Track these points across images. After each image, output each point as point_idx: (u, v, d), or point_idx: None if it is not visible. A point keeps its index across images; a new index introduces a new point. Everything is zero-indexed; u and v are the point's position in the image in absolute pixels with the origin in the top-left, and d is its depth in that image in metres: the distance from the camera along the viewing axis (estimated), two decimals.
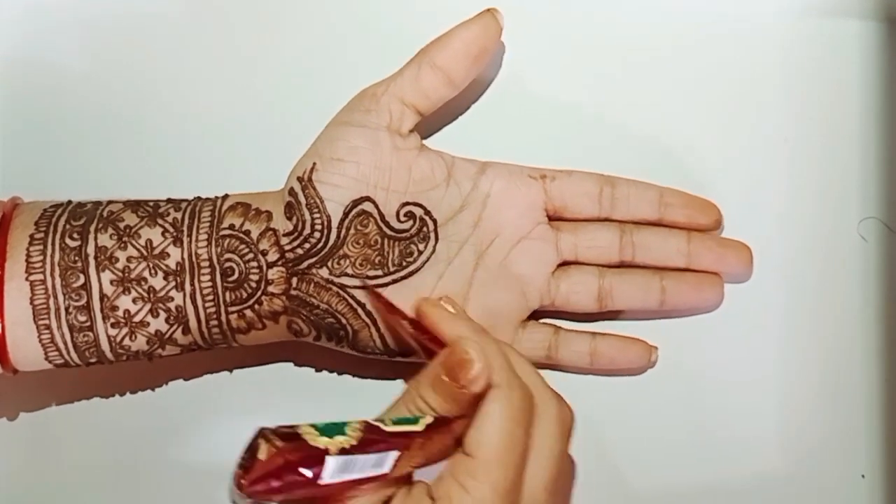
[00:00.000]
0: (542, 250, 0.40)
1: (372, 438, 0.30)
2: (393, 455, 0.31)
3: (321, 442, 0.29)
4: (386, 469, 0.31)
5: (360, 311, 0.38)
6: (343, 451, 0.29)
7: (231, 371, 0.42)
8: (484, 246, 0.39)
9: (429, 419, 0.32)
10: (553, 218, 0.40)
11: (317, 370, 0.42)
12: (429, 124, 0.41)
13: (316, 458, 0.29)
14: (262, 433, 0.29)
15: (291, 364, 0.42)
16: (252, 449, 0.29)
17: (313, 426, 0.29)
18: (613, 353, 0.41)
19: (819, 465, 0.41)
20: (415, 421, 0.31)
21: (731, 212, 0.41)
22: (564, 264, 0.40)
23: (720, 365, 0.42)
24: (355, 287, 0.38)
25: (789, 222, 0.42)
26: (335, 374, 0.42)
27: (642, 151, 0.43)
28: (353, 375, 0.42)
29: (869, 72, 0.42)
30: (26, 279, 0.36)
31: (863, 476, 0.41)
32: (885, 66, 0.42)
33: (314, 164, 0.37)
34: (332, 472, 0.29)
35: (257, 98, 0.43)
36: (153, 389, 0.42)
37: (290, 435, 0.29)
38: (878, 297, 0.42)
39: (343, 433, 0.30)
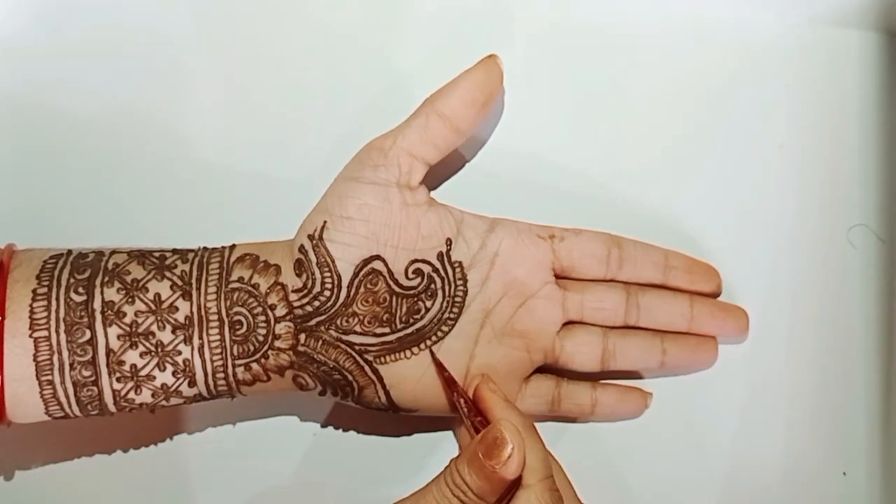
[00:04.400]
0: (548, 310, 0.40)
1: None
2: None
3: None
4: None
5: (366, 368, 0.38)
6: None
7: (234, 424, 0.42)
8: (491, 304, 0.39)
9: None
10: (560, 276, 0.41)
11: (322, 426, 0.42)
12: (433, 177, 0.42)
13: None
14: None
15: (297, 418, 0.42)
16: None
17: None
18: (613, 402, 0.42)
19: (803, 461, 0.42)
20: None
21: (723, 214, 0.43)
22: (569, 323, 0.41)
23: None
24: (363, 345, 0.38)
25: (780, 226, 0.43)
26: (340, 430, 0.42)
27: (638, 151, 0.43)
28: (358, 432, 0.42)
29: (867, 82, 0.43)
30: (30, 336, 0.35)
31: (844, 473, 0.42)
32: (884, 77, 0.43)
33: (325, 221, 0.37)
34: None
35: (258, 139, 0.43)
36: (156, 444, 0.42)
37: None
38: (864, 302, 0.43)
39: None
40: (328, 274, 0.37)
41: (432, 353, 0.38)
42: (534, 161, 0.43)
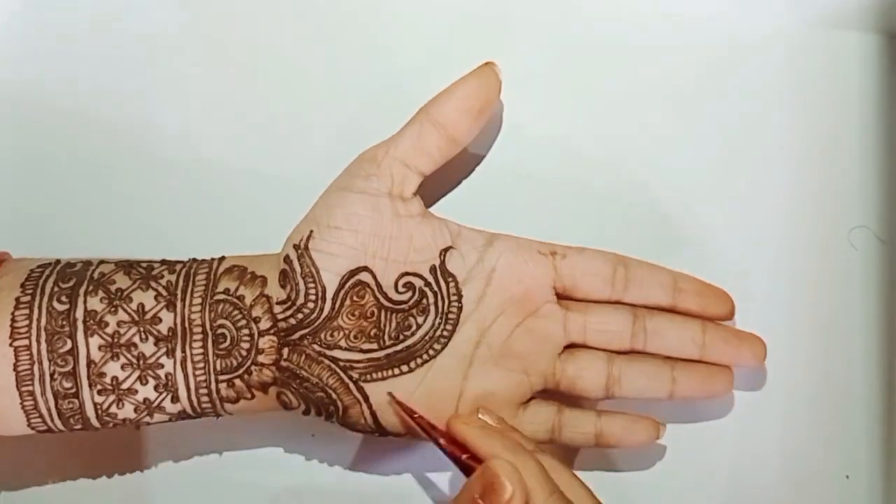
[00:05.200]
0: (548, 330, 0.37)
1: None
2: None
3: None
4: None
5: (351, 386, 0.36)
6: None
7: (221, 454, 0.41)
8: (487, 323, 0.37)
9: None
10: (562, 296, 0.38)
11: (307, 459, 0.41)
12: (431, 191, 0.41)
13: None
14: None
15: (281, 450, 0.41)
16: None
17: None
18: (619, 432, 0.38)
19: (804, 464, 0.41)
20: None
21: (723, 215, 0.42)
22: (572, 346, 0.38)
23: None
24: (349, 361, 0.36)
25: (781, 227, 0.42)
26: (325, 464, 0.41)
27: (637, 152, 0.42)
28: (344, 468, 0.41)
29: (867, 83, 0.43)
30: (10, 345, 0.35)
31: (847, 477, 0.41)
32: (883, 78, 0.43)
33: (311, 231, 0.36)
34: None
35: (253, 153, 0.43)
36: (141, 471, 0.41)
37: None
38: (865, 303, 0.42)
39: None
40: (312, 285, 0.36)
41: (392, 396, 0.36)
42: (531, 151, 0.42)
